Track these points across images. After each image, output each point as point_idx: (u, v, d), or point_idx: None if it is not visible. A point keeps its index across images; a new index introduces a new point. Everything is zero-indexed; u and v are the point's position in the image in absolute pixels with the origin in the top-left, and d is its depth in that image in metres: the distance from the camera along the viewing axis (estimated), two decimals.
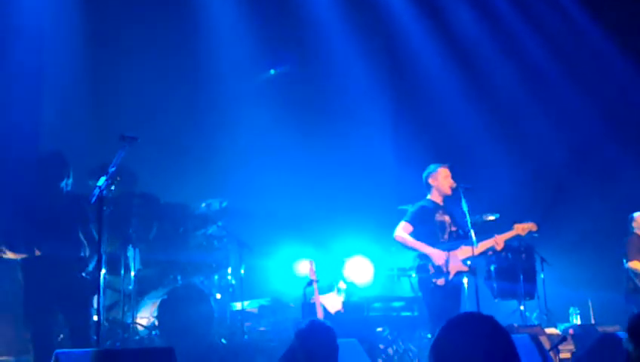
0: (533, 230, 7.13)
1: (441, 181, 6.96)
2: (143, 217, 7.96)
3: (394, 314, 8.48)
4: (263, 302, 8.82)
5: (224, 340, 7.76)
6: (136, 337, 7.36)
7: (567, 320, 9.23)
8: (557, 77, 11.02)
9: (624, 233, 8.86)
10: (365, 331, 7.43)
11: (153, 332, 7.36)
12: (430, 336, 7.37)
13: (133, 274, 7.55)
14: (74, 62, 8.91)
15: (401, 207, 8.03)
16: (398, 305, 8.62)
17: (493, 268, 9.08)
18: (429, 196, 7.05)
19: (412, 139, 10.88)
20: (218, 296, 8.36)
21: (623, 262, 8.68)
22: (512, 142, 10.87)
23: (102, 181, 5.16)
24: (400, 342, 7.95)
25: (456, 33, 11.13)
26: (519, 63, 11.06)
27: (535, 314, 9.15)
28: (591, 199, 10.13)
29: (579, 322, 9.19)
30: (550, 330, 7.93)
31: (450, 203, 7.07)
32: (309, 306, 7.55)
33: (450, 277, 6.70)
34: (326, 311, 7.81)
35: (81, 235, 5.91)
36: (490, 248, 6.93)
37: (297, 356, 4.04)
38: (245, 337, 8.05)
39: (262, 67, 10.81)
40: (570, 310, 9.40)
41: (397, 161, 10.97)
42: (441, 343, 2.11)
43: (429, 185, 7.04)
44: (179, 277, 8.00)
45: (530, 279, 9.05)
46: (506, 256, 9.01)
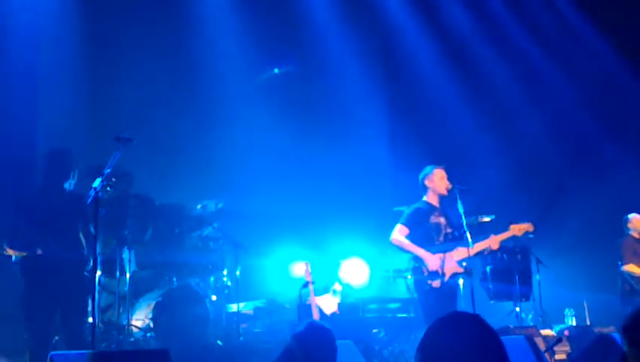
0: (529, 230, 7.13)
1: (436, 182, 6.97)
2: (139, 218, 7.94)
3: (390, 315, 8.48)
4: (258, 304, 8.81)
5: (220, 342, 7.75)
6: (132, 339, 7.35)
7: (562, 322, 9.24)
8: (553, 78, 11.05)
9: (619, 234, 8.88)
10: (361, 332, 7.43)
11: (148, 334, 7.35)
12: None
13: (128, 275, 7.54)
14: (71, 63, 8.91)
15: (397, 209, 8.03)
16: (393, 306, 8.62)
17: (488, 269, 9.09)
18: (425, 198, 7.05)
19: (408, 141, 10.89)
20: (214, 298, 8.35)
21: (618, 264, 8.70)
22: (508, 144, 10.88)
23: (97, 182, 5.14)
24: (396, 344, 7.94)
25: (453, 34, 11.15)
26: (515, 64, 11.08)
27: (531, 316, 9.16)
28: (587, 200, 10.14)
29: (574, 323, 9.21)
30: (546, 331, 7.94)
31: (446, 204, 7.08)
32: (304, 308, 7.55)
33: (445, 279, 6.70)
34: (322, 312, 7.80)
35: (81, 235, 5.90)
36: (485, 248, 6.94)
37: (296, 358, 4.03)
38: (241, 339, 8.04)
39: (258, 67, 10.79)
40: (566, 311, 9.42)
41: (393, 162, 10.97)
42: (428, 343, 2.11)
43: (425, 187, 7.05)
44: (174, 279, 7.98)
45: (526, 280, 9.06)
46: (502, 257, 9.03)
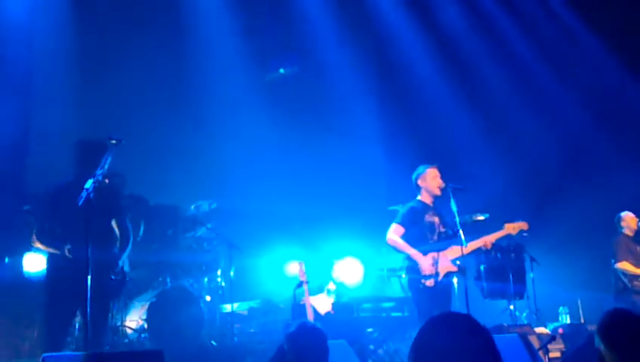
0: (524, 229, 7.14)
1: (429, 181, 6.97)
2: (132, 219, 7.91)
3: (384, 314, 8.48)
4: (252, 304, 8.80)
5: (214, 342, 7.74)
6: (126, 340, 7.33)
7: (556, 320, 9.27)
8: (547, 77, 11.07)
9: (613, 232, 8.91)
10: (355, 332, 7.43)
11: (142, 335, 7.33)
12: None
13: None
14: (63, 63, 8.87)
15: (391, 208, 8.04)
16: (388, 305, 8.62)
17: (482, 268, 9.10)
18: (419, 197, 7.06)
19: (402, 141, 10.89)
20: (208, 298, 8.33)
21: (612, 262, 8.73)
22: (502, 142, 10.90)
23: (89, 183, 5.09)
24: (390, 343, 7.94)
25: (447, 35, 11.16)
26: (509, 64, 11.10)
27: (525, 314, 9.17)
28: (580, 198, 10.16)
29: (568, 321, 9.24)
30: (540, 330, 7.96)
31: (439, 203, 7.09)
32: (299, 307, 7.53)
33: (439, 278, 6.71)
34: (316, 312, 7.79)
35: (116, 228, 5.81)
36: (479, 248, 6.96)
37: (287, 358, 4.03)
38: (235, 339, 8.03)
39: (252, 67, 10.76)
40: (560, 309, 9.45)
41: (387, 162, 10.98)
42: (421, 342, 2.11)
43: (419, 186, 7.06)
44: (168, 280, 7.97)
45: (520, 279, 9.08)
46: (496, 255, 9.04)
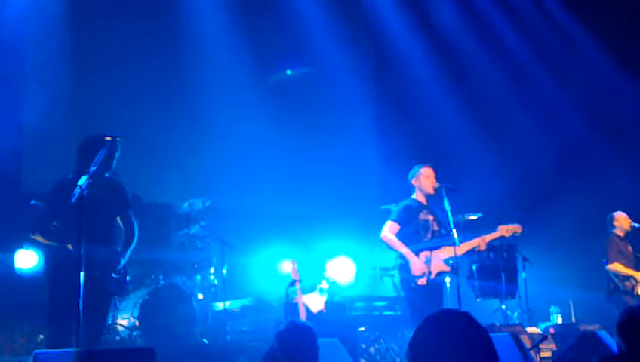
0: (517, 232, 7.16)
1: (423, 181, 7.01)
2: None
3: (376, 313, 8.50)
4: (245, 302, 8.80)
5: (206, 340, 7.73)
6: (117, 338, 7.32)
7: (548, 319, 9.30)
8: (542, 78, 11.11)
9: (605, 233, 8.94)
10: (348, 331, 7.43)
11: (134, 333, 7.33)
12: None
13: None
14: (56, 61, 8.84)
15: (384, 207, 8.06)
16: (380, 304, 8.65)
17: (475, 267, 9.12)
18: (414, 196, 7.10)
19: (396, 140, 10.91)
20: (200, 296, 8.32)
21: (603, 262, 8.76)
22: (496, 143, 10.92)
23: (83, 180, 5.06)
24: (382, 342, 7.95)
25: (443, 35, 11.18)
26: (505, 64, 11.12)
27: (516, 313, 9.20)
28: (573, 199, 10.20)
29: (560, 321, 9.28)
30: (531, 329, 7.99)
31: (433, 203, 7.12)
32: (291, 306, 7.54)
33: (432, 277, 6.72)
34: (309, 310, 7.80)
35: (121, 225, 5.78)
36: (472, 249, 6.98)
37: (277, 357, 4.03)
38: (227, 337, 8.02)
39: (247, 67, 10.73)
40: (551, 309, 9.48)
41: (380, 161, 10.99)
42: (419, 340, 2.11)
43: (413, 186, 7.10)
44: (160, 277, 7.95)
45: (512, 278, 9.11)
46: (488, 255, 9.07)
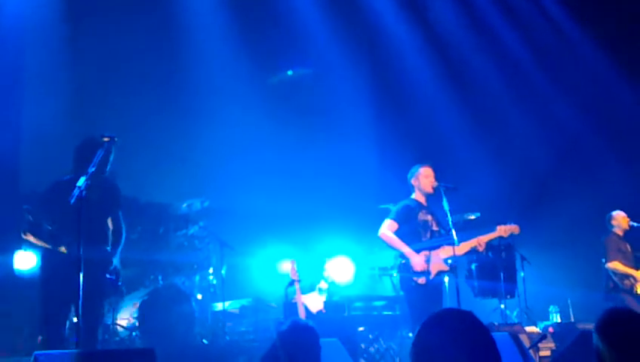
0: (515, 232, 7.18)
1: (421, 180, 7.02)
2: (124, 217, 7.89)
3: (375, 313, 8.50)
4: (244, 303, 8.80)
5: (205, 341, 7.74)
6: (117, 338, 7.32)
7: (547, 318, 9.31)
8: (540, 78, 11.10)
9: (604, 232, 8.95)
10: (347, 330, 7.43)
11: (134, 333, 7.33)
12: (411, 335, 7.39)
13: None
14: (56, 62, 8.84)
15: (383, 206, 8.06)
16: (379, 304, 8.64)
17: (474, 266, 9.13)
18: (413, 195, 7.12)
19: (394, 140, 10.90)
20: (199, 297, 8.32)
21: (602, 261, 8.77)
22: (494, 142, 10.93)
23: (81, 181, 5.07)
24: (381, 341, 7.96)
25: (441, 34, 11.17)
26: (502, 64, 11.12)
27: (515, 313, 9.21)
28: (571, 198, 10.21)
29: (558, 320, 9.29)
30: (530, 328, 8.00)
31: (432, 203, 7.13)
32: (290, 306, 7.54)
33: (431, 277, 6.74)
34: (308, 310, 7.80)
35: (110, 225, 5.78)
36: (472, 249, 7.00)
37: (279, 356, 4.03)
38: (227, 337, 8.03)
39: (245, 68, 10.72)
40: (550, 308, 9.49)
41: (379, 161, 10.99)
42: (422, 339, 2.11)
43: (412, 186, 7.12)
44: (160, 278, 7.96)
45: (511, 277, 9.11)
46: (487, 254, 9.07)
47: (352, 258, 9.55)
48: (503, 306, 8.93)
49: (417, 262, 6.72)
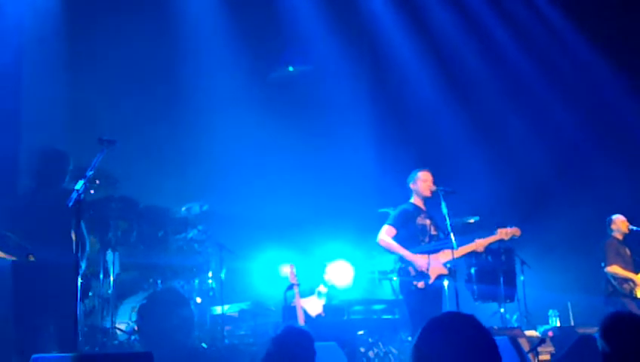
0: (516, 235, 7.19)
1: (420, 184, 7.05)
2: (124, 221, 7.89)
3: (375, 317, 8.48)
4: (243, 306, 8.78)
5: (204, 344, 7.72)
6: (116, 342, 7.30)
7: (546, 323, 9.29)
8: (539, 83, 11.10)
9: (603, 236, 8.94)
10: (346, 334, 7.42)
11: (132, 337, 7.31)
12: (411, 339, 7.38)
13: (112, 278, 7.48)
14: (52, 65, 8.82)
15: (382, 210, 8.06)
16: (379, 307, 8.63)
17: (473, 270, 9.08)
18: (411, 200, 7.16)
19: (394, 144, 10.91)
20: (198, 300, 8.31)
21: (602, 265, 8.75)
22: (494, 146, 10.93)
23: (80, 184, 5.08)
24: (381, 345, 7.94)
25: (440, 40, 11.17)
26: (502, 70, 11.12)
27: (515, 317, 9.19)
28: (571, 202, 10.21)
29: (558, 324, 9.26)
30: (530, 332, 7.97)
31: (431, 207, 7.14)
32: (289, 310, 7.53)
33: (430, 280, 6.74)
34: (307, 314, 7.79)
35: (73, 236, 5.81)
36: (471, 252, 7.02)
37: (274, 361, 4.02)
38: (226, 341, 8.02)
39: (245, 71, 10.71)
40: (550, 312, 9.47)
41: (378, 165, 10.98)
42: (422, 343, 2.10)
43: (411, 190, 7.15)
44: (159, 282, 7.94)
45: (510, 281, 9.08)
46: (486, 258, 9.04)
47: (352, 262, 9.54)
48: (502, 310, 8.90)
49: (420, 263, 6.74)
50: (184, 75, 9.98)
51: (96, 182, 7.08)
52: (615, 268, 8.63)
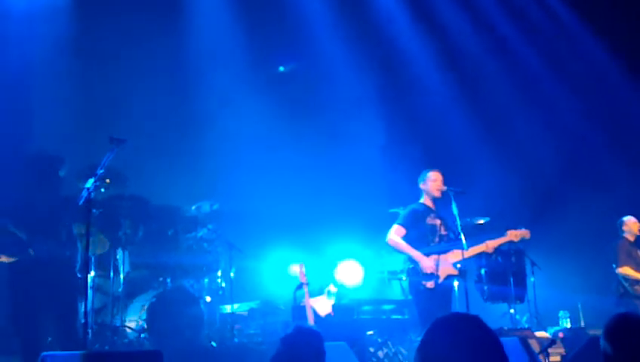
0: (526, 237, 7.16)
1: (430, 184, 7.05)
2: (133, 219, 7.92)
3: (384, 317, 8.47)
4: (252, 305, 8.80)
5: (214, 343, 7.73)
6: (125, 340, 7.32)
7: (557, 324, 9.25)
8: (549, 83, 11.06)
9: (614, 237, 8.89)
10: (355, 334, 7.41)
11: (142, 335, 7.33)
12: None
13: (122, 276, 7.51)
14: (63, 65, 8.87)
15: (392, 210, 8.05)
16: (388, 307, 8.61)
17: (483, 271, 9.08)
18: (421, 200, 7.16)
19: (403, 144, 10.90)
20: (208, 299, 8.32)
21: (613, 266, 8.71)
22: (503, 147, 10.90)
23: (90, 183, 5.11)
24: (390, 345, 7.92)
25: (450, 39, 11.14)
26: (512, 69, 11.08)
27: (525, 318, 9.16)
28: (581, 203, 10.16)
29: (569, 325, 9.22)
30: (540, 333, 7.94)
31: (441, 207, 7.14)
32: (299, 309, 7.53)
33: (440, 281, 6.73)
34: (316, 314, 7.79)
35: (65, 236, 5.87)
36: (480, 253, 7.01)
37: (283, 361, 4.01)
38: (235, 340, 8.03)
39: (256, 70, 10.73)
40: (560, 313, 9.42)
41: (388, 165, 10.97)
42: (428, 344, 2.10)
43: (421, 190, 7.15)
44: (168, 280, 7.96)
45: (521, 282, 9.06)
46: (497, 259, 9.03)
47: (361, 261, 9.53)
48: (512, 311, 8.88)
49: (427, 264, 6.73)
50: (194, 73, 10.00)
51: (107, 180, 7.09)
52: (626, 270, 8.59)
